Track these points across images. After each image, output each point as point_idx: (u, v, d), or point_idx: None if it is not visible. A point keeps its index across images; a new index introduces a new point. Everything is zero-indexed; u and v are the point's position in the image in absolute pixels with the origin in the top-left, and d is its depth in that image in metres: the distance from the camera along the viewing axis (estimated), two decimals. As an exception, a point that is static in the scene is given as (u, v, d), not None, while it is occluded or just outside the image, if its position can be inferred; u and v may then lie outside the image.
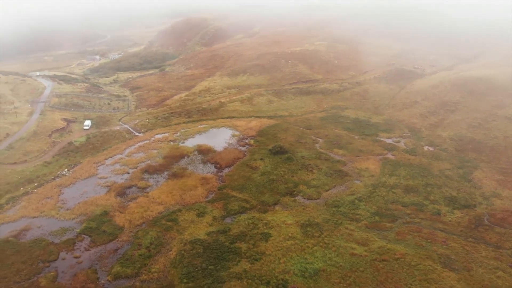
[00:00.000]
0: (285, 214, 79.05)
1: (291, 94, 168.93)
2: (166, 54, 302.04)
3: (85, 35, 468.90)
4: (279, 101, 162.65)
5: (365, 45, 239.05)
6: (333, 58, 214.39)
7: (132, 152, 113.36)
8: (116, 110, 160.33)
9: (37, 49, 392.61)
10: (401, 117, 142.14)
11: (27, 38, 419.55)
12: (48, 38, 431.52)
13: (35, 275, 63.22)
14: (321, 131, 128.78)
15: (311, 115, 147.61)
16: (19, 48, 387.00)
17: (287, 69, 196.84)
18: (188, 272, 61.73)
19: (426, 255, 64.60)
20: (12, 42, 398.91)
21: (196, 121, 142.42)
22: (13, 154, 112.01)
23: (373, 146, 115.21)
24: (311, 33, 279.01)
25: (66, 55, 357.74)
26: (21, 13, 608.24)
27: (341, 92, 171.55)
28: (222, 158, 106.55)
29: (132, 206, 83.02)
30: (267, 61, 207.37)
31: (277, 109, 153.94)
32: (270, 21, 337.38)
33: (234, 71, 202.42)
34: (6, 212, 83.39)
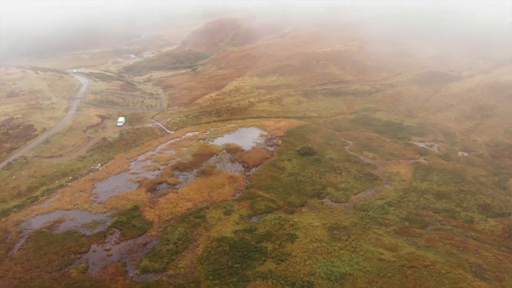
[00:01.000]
0: (312, 216, 78.64)
1: (321, 95, 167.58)
2: (198, 54, 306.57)
3: (121, 34, 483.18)
4: (309, 101, 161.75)
5: (398, 46, 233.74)
6: (365, 59, 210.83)
7: (163, 149, 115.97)
8: (149, 108, 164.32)
9: (75, 47, 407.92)
10: (435, 121, 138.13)
11: (66, 36, 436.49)
12: (86, 37, 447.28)
13: (67, 266, 65.62)
14: (351, 133, 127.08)
15: (341, 116, 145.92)
16: (58, 46, 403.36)
17: (317, 70, 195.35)
18: (214, 269, 62.58)
19: (456, 263, 62.63)
20: (52, 40, 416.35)
21: (225, 120, 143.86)
22: (49, 148, 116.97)
23: (405, 150, 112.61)
24: (343, 34, 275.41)
25: (102, 53, 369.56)
26: (63, 11, 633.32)
27: (372, 93, 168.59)
28: (249, 158, 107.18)
29: (162, 202, 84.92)
30: (298, 62, 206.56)
31: (306, 110, 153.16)
32: (301, 22, 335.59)
33: (264, 71, 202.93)
34: (41, 204, 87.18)
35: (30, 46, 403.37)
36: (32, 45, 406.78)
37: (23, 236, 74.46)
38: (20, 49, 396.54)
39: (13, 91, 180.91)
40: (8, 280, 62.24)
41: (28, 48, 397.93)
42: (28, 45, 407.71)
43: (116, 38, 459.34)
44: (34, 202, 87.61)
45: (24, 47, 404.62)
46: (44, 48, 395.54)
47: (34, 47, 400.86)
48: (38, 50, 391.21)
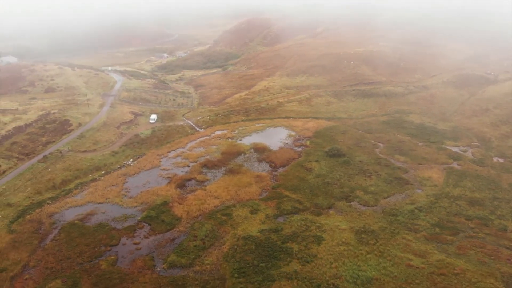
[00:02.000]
0: (339, 219, 77.74)
1: (352, 96, 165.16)
2: (229, 54, 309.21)
3: (154, 33, 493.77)
4: (339, 102, 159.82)
5: (433, 48, 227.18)
6: (399, 60, 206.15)
7: (193, 147, 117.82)
8: (180, 106, 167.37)
9: (110, 45, 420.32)
10: (469, 125, 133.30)
11: (103, 35, 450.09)
12: (121, 35, 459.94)
13: (97, 258, 67.58)
14: (382, 135, 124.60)
15: (372, 118, 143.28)
16: (94, 44, 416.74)
17: (348, 70, 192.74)
18: (240, 267, 63.00)
19: (488, 273, 60.25)
20: (89, 38, 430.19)
21: (253, 119, 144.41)
22: (84, 143, 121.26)
23: (437, 154, 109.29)
24: (376, 34, 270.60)
25: (136, 52, 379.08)
26: (100, 10, 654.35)
27: (405, 95, 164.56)
28: (277, 158, 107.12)
29: (190, 198, 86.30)
30: (328, 62, 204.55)
31: (336, 111, 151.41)
32: (333, 21, 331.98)
33: (293, 71, 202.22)
34: (74, 196, 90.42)
35: (68, 44, 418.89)
36: (69, 42, 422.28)
37: (56, 228, 77.42)
38: (58, 46, 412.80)
39: (50, 87, 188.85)
40: (40, 269, 64.89)
41: (65, 46, 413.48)
42: (65, 43, 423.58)
43: (150, 37, 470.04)
44: (67, 195, 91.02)
45: (62, 44, 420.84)
46: (81, 46, 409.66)
47: (72, 44, 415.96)
48: (75, 47, 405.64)
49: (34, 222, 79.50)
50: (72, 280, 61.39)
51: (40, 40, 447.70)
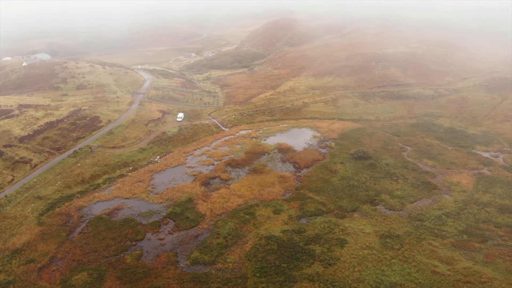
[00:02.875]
0: (363, 223, 76.58)
1: (380, 98, 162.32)
2: (256, 54, 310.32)
3: (184, 33, 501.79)
4: (366, 104, 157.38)
5: (465, 50, 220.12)
6: (429, 62, 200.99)
7: (218, 145, 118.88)
8: (207, 105, 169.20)
9: (140, 44, 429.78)
10: (501, 130, 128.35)
11: (133, 34, 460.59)
12: (151, 35, 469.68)
13: (122, 252, 69.08)
14: (410, 138, 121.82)
15: (400, 121, 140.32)
16: (125, 43, 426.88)
17: (377, 71, 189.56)
18: (262, 267, 63.06)
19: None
20: (120, 37, 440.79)
21: (278, 119, 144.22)
22: (113, 139, 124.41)
23: (467, 159, 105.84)
24: (406, 35, 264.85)
25: (165, 51, 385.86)
26: (131, 10, 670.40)
27: (435, 98, 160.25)
28: (301, 158, 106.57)
29: (214, 196, 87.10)
30: (356, 63, 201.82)
31: (362, 113, 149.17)
32: (362, 22, 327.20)
33: (320, 72, 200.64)
34: (102, 191, 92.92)
35: (100, 42, 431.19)
36: (101, 41, 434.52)
37: (84, 221, 79.78)
38: (90, 45, 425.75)
39: (82, 84, 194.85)
40: (67, 261, 66.93)
41: (97, 44, 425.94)
42: (97, 41, 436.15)
43: (180, 37, 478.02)
44: (96, 189, 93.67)
45: (93, 42, 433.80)
46: (112, 45, 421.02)
47: (103, 43, 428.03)
48: (106, 46, 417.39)
49: (63, 215, 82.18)
50: (98, 273, 63.06)
51: (73, 38, 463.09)
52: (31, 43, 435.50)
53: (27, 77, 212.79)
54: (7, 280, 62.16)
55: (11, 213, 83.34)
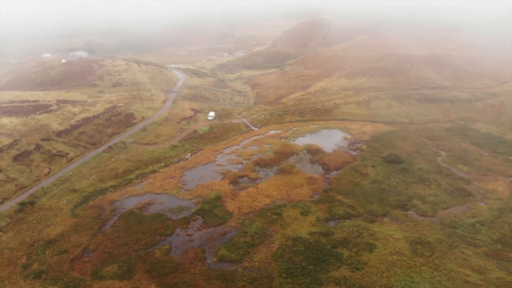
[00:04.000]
0: (393, 228, 74.83)
1: (414, 100, 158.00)
2: (287, 54, 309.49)
3: (217, 33, 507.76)
4: (400, 106, 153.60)
5: (505, 53, 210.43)
6: (466, 65, 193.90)
7: (247, 145, 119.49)
8: (237, 105, 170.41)
9: (175, 43, 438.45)
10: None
11: (168, 34, 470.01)
12: (185, 35, 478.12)
13: (152, 246, 70.68)
14: (445, 143, 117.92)
15: (435, 124, 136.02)
16: (160, 42, 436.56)
17: (411, 73, 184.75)
18: (288, 267, 62.89)
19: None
20: (155, 36, 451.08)
21: (308, 120, 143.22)
22: (146, 136, 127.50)
23: (504, 166, 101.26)
24: (442, 36, 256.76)
25: (199, 51, 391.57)
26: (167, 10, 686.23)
27: (472, 102, 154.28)
28: (330, 160, 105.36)
29: (242, 195, 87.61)
30: (390, 64, 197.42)
31: (396, 115, 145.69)
32: (396, 22, 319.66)
33: (352, 73, 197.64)
34: (134, 186, 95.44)
35: (136, 41, 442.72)
36: (137, 40, 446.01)
37: (116, 214, 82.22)
38: (127, 43, 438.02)
39: (117, 82, 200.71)
40: (99, 253, 69.16)
41: (133, 43, 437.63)
42: (134, 40, 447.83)
43: (213, 37, 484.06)
44: (128, 184, 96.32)
45: (130, 41, 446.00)
46: (148, 44, 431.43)
47: (139, 42, 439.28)
48: (142, 45, 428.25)
49: (96, 208, 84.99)
50: (128, 266, 64.83)
51: (110, 36, 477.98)
52: (70, 41, 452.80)
53: (65, 74, 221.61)
54: (40, 270, 64.80)
55: (47, 205, 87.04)
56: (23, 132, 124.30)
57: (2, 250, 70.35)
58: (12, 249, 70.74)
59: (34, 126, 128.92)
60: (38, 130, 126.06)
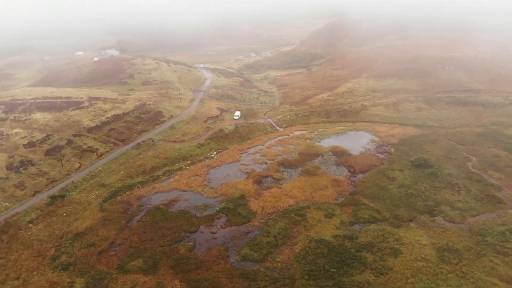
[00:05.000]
0: (420, 233, 73.20)
1: (445, 103, 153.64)
2: (315, 54, 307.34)
3: (245, 33, 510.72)
4: (430, 109, 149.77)
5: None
6: (499, 67, 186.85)
7: (272, 145, 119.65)
8: (263, 105, 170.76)
9: (204, 43, 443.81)
10: None
11: (198, 33, 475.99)
12: (215, 35, 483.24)
13: (176, 242, 71.86)
14: (476, 148, 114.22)
15: (466, 129, 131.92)
16: (189, 42, 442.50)
17: (442, 76, 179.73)
18: (311, 269, 62.65)
19: None
20: (185, 36, 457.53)
21: (334, 121, 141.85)
22: (174, 134, 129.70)
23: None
24: (472, 38, 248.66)
25: (227, 51, 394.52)
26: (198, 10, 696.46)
27: (506, 106, 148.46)
28: (356, 163, 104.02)
29: (266, 195, 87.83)
30: (420, 65, 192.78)
31: (425, 118, 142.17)
32: (427, 23, 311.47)
33: (381, 74, 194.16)
34: (161, 182, 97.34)
35: (165, 40, 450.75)
36: (167, 39, 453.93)
37: (142, 210, 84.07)
38: (157, 42, 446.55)
39: (147, 80, 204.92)
40: (125, 247, 70.86)
41: (163, 42, 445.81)
42: (163, 39, 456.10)
43: (241, 37, 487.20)
44: (155, 181, 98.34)
45: (160, 40, 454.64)
46: (176, 43, 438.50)
47: (169, 41, 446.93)
48: (171, 44, 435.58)
49: (124, 203, 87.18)
50: (153, 261, 66.19)
51: (140, 35, 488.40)
52: (102, 39, 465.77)
53: (97, 72, 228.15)
54: (68, 262, 66.99)
55: (76, 199, 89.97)
56: (56, 128, 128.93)
57: (32, 242, 73.13)
58: (41, 241, 73.42)
59: (66, 122, 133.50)
60: (70, 126, 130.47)
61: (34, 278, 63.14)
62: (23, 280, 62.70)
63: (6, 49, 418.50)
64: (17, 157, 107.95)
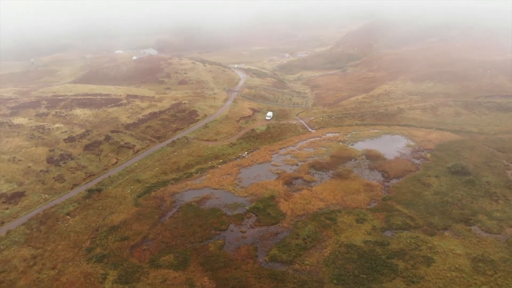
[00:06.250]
0: (455, 243, 70.90)
1: (485, 109, 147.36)
2: (350, 55, 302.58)
3: (280, 33, 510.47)
4: (469, 114, 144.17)
5: None
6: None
7: (303, 146, 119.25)
8: (295, 106, 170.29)
9: (239, 43, 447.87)
10: None
11: (234, 34, 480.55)
12: (250, 35, 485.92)
13: (207, 240, 73.13)
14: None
15: (507, 135, 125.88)
16: (224, 42, 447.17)
17: (484, 80, 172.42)
18: (340, 274, 62.17)
19: None
20: (222, 36, 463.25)
21: (369, 124, 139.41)
22: (207, 133, 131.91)
23: None
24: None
25: (261, 51, 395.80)
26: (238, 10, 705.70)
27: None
28: (391, 168, 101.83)
29: (296, 197, 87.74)
30: (461, 69, 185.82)
31: (464, 123, 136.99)
32: (468, 26, 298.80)
33: (419, 77, 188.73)
34: (194, 180, 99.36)
35: (201, 40, 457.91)
36: (202, 39, 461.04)
37: (175, 206, 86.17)
38: (193, 43, 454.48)
39: (183, 80, 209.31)
40: (157, 242, 72.82)
41: (199, 42, 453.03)
42: (199, 39, 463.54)
43: (276, 37, 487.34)
44: (188, 178, 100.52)
45: (196, 40, 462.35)
46: (212, 43, 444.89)
47: (205, 41, 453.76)
48: (207, 44, 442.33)
49: (158, 199, 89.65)
50: (183, 257, 67.78)
51: (178, 35, 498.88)
52: (141, 39, 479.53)
53: (136, 70, 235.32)
54: (102, 254, 69.64)
55: (112, 193, 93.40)
56: (95, 124, 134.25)
57: (69, 233, 76.49)
58: (78, 233, 76.70)
59: (105, 118, 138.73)
60: (108, 122, 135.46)
61: (69, 269, 65.94)
62: (59, 270, 65.57)
63: (51, 47, 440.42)
64: (58, 151, 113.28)
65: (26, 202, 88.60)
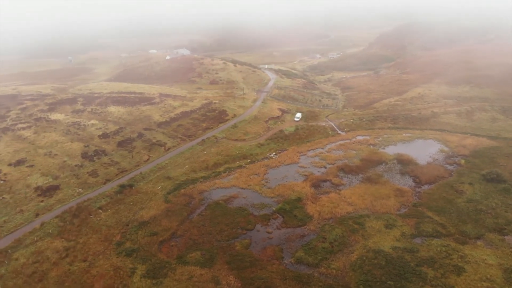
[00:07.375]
0: (487, 252, 68.42)
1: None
2: (383, 57, 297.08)
3: (311, 34, 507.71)
4: (506, 120, 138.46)
5: None
6: None
7: (331, 149, 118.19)
8: (325, 107, 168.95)
9: (270, 44, 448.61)
10: None
11: (265, 34, 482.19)
12: (282, 36, 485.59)
13: (233, 239, 73.81)
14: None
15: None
16: (257, 43, 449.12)
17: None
18: (366, 280, 61.36)
19: None
20: (253, 37, 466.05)
21: (401, 128, 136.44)
22: (236, 132, 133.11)
23: None
24: None
25: (291, 52, 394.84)
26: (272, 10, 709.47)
27: None
28: (423, 173, 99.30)
29: (324, 199, 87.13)
30: (499, 72, 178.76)
31: (502, 129, 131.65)
32: (508, 28, 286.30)
33: (455, 80, 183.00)
34: (222, 179, 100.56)
35: (233, 41, 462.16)
36: (234, 40, 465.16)
37: (203, 204, 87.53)
38: (224, 43, 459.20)
39: (214, 80, 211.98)
40: (185, 239, 74.16)
41: (231, 42, 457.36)
42: (231, 40, 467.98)
43: (307, 38, 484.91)
44: (217, 176, 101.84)
45: (228, 41, 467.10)
46: (243, 44, 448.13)
47: (236, 41, 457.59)
48: (238, 45, 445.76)
49: (187, 196, 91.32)
50: (210, 255, 68.76)
51: (210, 36, 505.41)
52: (174, 39, 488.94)
53: (168, 70, 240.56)
54: (132, 248, 71.50)
55: (143, 189, 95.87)
56: (128, 121, 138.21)
57: (101, 227, 79.03)
58: (109, 227, 79.14)
59: (138, 116, 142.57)
60: (141, 120, 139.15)
61: (100, 262, 68.13)
62: (89, 263, 67.88)
63: (89, 46, 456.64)
64: (92, 146, 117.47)
65: (60, 195, 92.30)
